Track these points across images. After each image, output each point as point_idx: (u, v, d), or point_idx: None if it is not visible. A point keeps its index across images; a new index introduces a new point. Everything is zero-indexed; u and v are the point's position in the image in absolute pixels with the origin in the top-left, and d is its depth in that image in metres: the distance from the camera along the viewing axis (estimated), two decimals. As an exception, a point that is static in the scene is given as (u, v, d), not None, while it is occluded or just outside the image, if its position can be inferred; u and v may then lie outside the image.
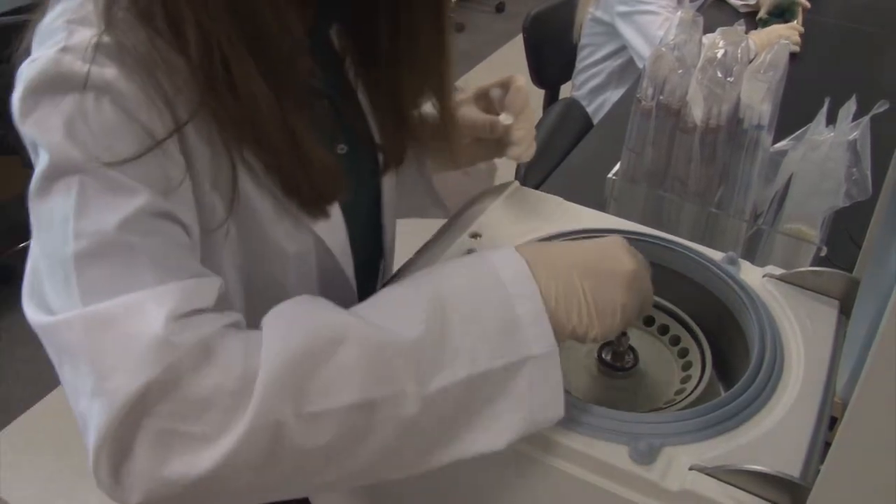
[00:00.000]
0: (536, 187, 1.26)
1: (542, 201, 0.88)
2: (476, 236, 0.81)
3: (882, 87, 1.71)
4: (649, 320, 0.80)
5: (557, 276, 0.60)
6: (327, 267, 0.78)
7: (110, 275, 0.53)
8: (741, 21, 1.06)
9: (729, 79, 0.95)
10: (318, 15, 0.74)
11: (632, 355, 0.74)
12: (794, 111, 1.06)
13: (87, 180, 0.55)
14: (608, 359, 0.74)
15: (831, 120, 0.96)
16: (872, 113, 0.92)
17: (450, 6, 0.76)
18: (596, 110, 2.19)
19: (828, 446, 0.47)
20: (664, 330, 0.79)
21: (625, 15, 2.00)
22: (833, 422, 0.63)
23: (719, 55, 0.95)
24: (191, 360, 0.51)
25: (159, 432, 0.50)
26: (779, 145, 1.02)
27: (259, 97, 0.61)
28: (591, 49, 2.19)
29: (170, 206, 0.58)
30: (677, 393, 0.72)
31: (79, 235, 0.54)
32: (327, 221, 0.74)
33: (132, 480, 0.50)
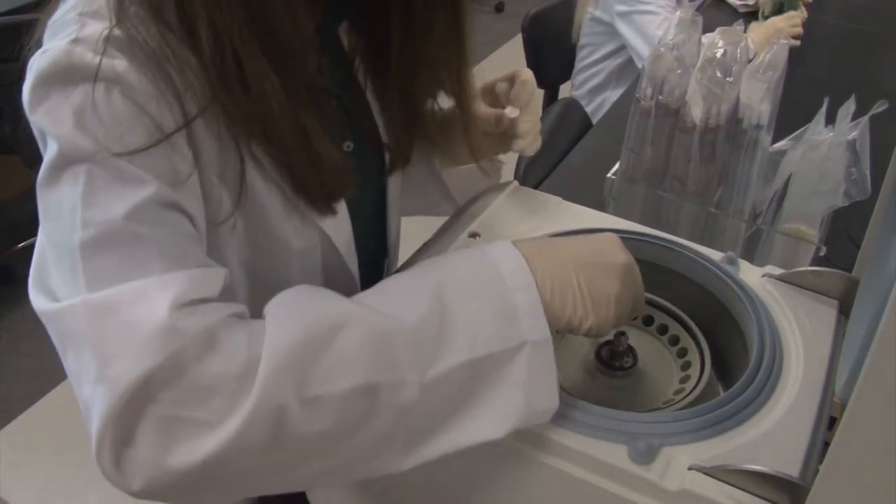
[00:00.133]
0: (535, 187, 1.26)
1: (542, 201, 0.88)
2: (475, 236, 0.81)
3: (881, 87, 1.71)
4: (648, 320, 0.80)
5: (553, 270, 0.61)
6: (332, 263, 0.78)
7: (117, 263, 0.54)
8: (740, 21, 1.06)
9: (728, 78, 0.95)
10: (326, 12, 0.74)
11: (631, 355, 0.75)
12: (793, 111, 1.06)
13: (96, 169, 0.55)
14: (607, 358, 0.74)
15: (830, 120, 0.96)
16: (872, 113, 0.92)
17: (469, 4, 0.76)
18: (595, 110, 2.19)
19: (827, 446, 0.47)
20: (663, 330, 0.79)
21: (624, 14, 2.00)
22: (832, 422, 0.63)
23: (718, 55, 0.95)
24: (195, 348, 0.51)
25: (162, 419, 0.50)
26: (778, 145, 1.02)
27: (270, 94, 0.62)
28: (590, 49, 2.19)
29: (177, 196, 0.59)
30: (676, 393, 0.72)
31: (86, 224, 0.54)
32: (333, 218, 0.74)
33: (134, 467, 0.50)
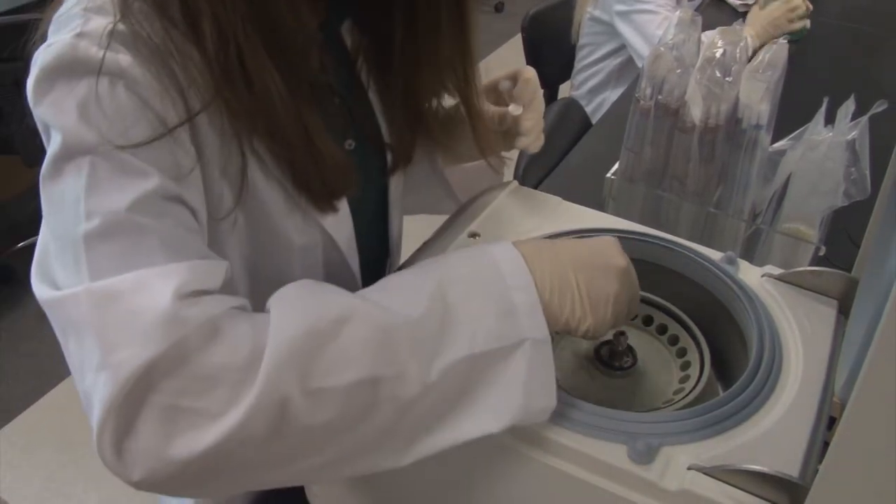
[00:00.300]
0: (535, 187, 1.26)
1: (541, 201, 0.88)
2: (475, 236, 0.81)
3: (881, 87, 1.72)
4: (648, 319, 0.80)
5: (552, 270, 0.62)
6: (333, 261, 0.78)
7: (120, 253, 0.54)
8: (740, 21, 1.06)
9: (727, 78, 0.95)
10: (329, 10, 0.75)
11: (630, 355, 0.75)
12: (792, 111, 1.06)
13: (99, 161, 0.55)
14: (607, 358, 0.74)
15: (830, 120, 0.96)
16: (871, 113, 0.92)
17: (473, 1, 0.76)
18: (595, 110, 2.19)
19: (826, 446, 0.47)
20: (663, 329, 0.79)
21: (623, 14, 2.00)
22: (832, 421, 0.63)
23: (718, 55, 0.95)
24: (198, 338, 0.51)
25: (164, 408, 0.50)
26: (777, 145, 1.02)
27: (273, 90, 0.62)
28: (589, 48, 2.19)
29: (180, 190, 0.59)
30: (676, 392, 0.72)
31: (90, 215, 0.54)
32: (335, 216, 0.74)
33: (135, 457, 0.50)
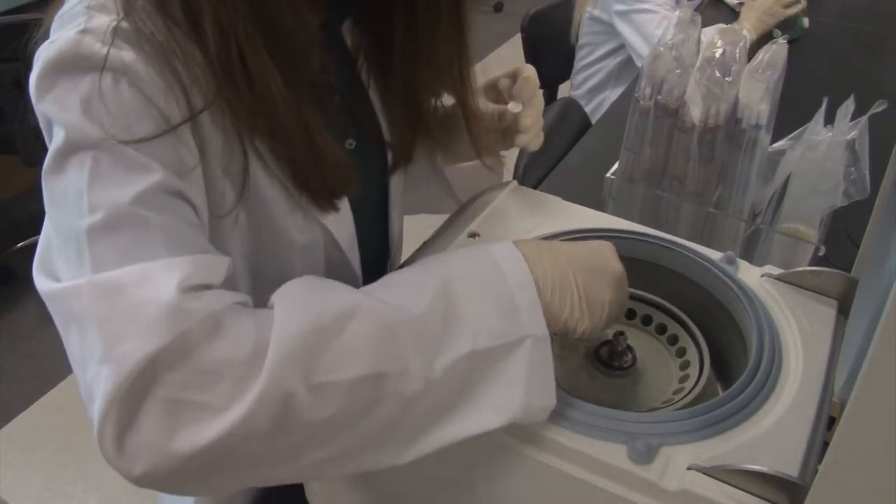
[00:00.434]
0: (535, 187, 1.26)
1: (541, 201, 0.88)
2: (474, 236, 0.81)
3: (880, 87, 1.72)
4: (647, 319, 0.80)
5: (553, 271, 0.62)
6: (335, 260, 0.78)
7: (123, 246, 0.54)
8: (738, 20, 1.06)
9: (727, 78, 0.95)
10: (329, 10, 0.75)
11: (630, 355, 0.75)
12: (792, 111, 1.06)
13: (102, 156, 0.56)
14: (606, 358, 0.74)
15: (829, 119, 0.96)
16: (871, 112, 0.92)
17: (471, 2, 0.76)
18: (594, 110, 2.19)
19: (826, 446, 0.47)
20: (662, 329, 0.79)
21: (623, 14, 2.00)
22: (831, 421, 0.63)
23: (717, 55, 0.95)
24: (202, 331, 0.51)
25: (167, 402, 0.49)
26: (777, 145, 1.02)
27: (274, 90, 0.62)
28: (589, 48, 2.19)
29: (182, 186, 0.59)
30: (675, 392, 0.72)
31: (93, 209, 0.54)
32: (336, 214, 0.75)
33: (137, 451, 0.50)
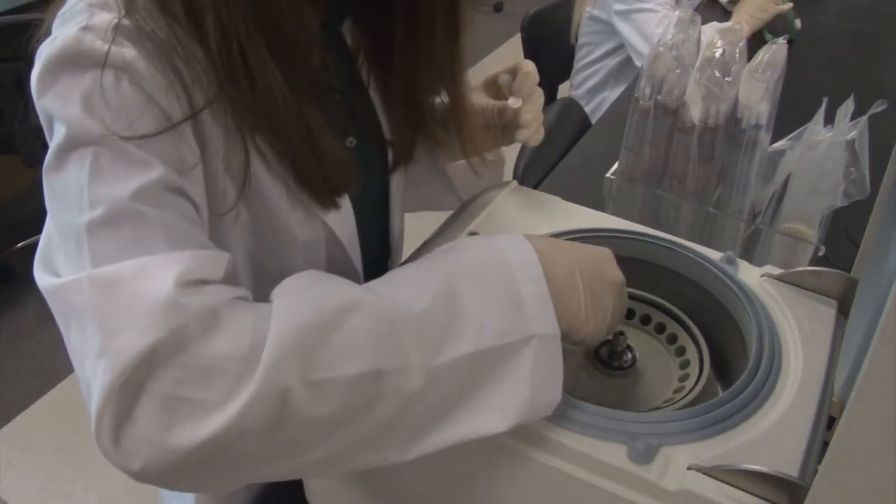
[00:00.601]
0: (535, 187, 1.26)
1: (541, 201, 0.88)
2: (474, 235, 0.81)
3: (880, 87, 1.72)
4: (646, 319, 0.80)
5: (562, 270, 0.62)
6: (336, 257, 0.79)
7: (122, 241, 0.54)
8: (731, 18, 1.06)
9: (727, 78, 0.95)
10: (329, 9, 0.75)
11: (630, 354, 0.75)
12: (792, 111, 1.06)
13: (102, 151, 0.56)
14: (606, 358, 0.74)
15: (829, 119, 0.96)
16: (870, 112, 0.92)
17: (467, 4, 0.77)
18: (594, 110, 2.19)
19: (826, 446, 0.47)
20: (661, 329, 0.79)
21: (622, 13, 2.00)
22: (831, 421, 0.63)
23: (717, 55, 0.95)
24: (199, 326, 0.50)
25: (164, 397, 0.49)
26: (777, 145, 1.02)
27: (275, 88, 0.62)
28: (588, 48, 2.19)
29: (182, 183, 0.59)
30: (675, 392, 0.72)
31: (93, 204, 0.54)
32: (337, 212, 0.75)
33: (134, 446, 0.49)
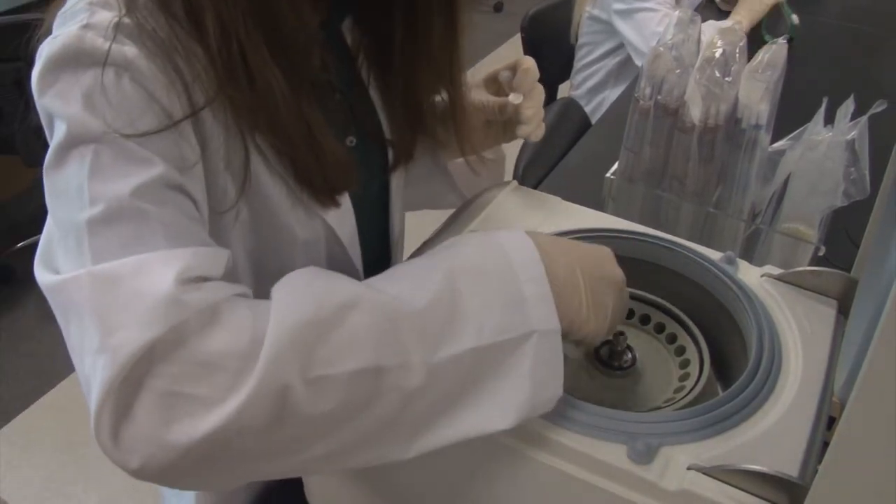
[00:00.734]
0: (535, 187, 1.26)
1: (541, 201, 0.88)
2: (475, 232, 0.81)
3: (880, 87, 1.72)
4: (645, 318, 0.80)
5: (564, 268, 0.62)
6: (336, 256, 0.79)
7: (123, 238, 0.54)
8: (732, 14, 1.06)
9: (727, 78, 0.95)
10: (329, 8, 0.75)
11: (630, 354, 0.75)
12: (792, 111, 1.06)
13: (103, 149, 0.56)
14: (606, 358, 0.74)
15: (829, 119, 0.96)
16: (870, 112, 0.92)
17: (465, 5, 0.77)
18: (594, 110, 2.19)
19: (826, 446, 0.47)
20: (661, 329, 0.79)
21: (622, 13, 2.00)
22: (831, 421, 0.63)
23: (717, 55, 0.95)
24: (198, 322, 0.50)
25: (162, 394, 0.49)
26: (777, 145, 1.02)
27: (275, 87, 0.63)
28: (588, 48, 2.19)
29: (183, 180, 0.59)
30: (675, 392, 0.72)
31: (93, 201, 0.54)
32: (337, 210, 0.75)
33: (133, 443, 0.49)
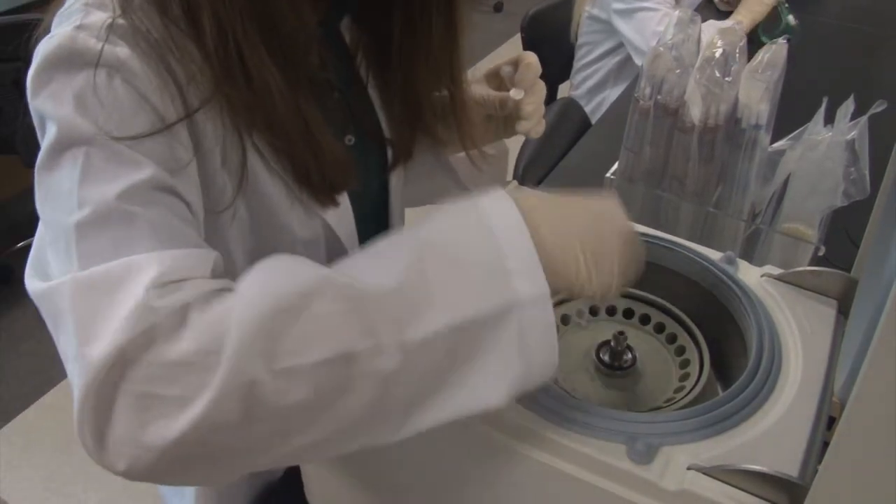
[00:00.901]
0: (535, 187, 1.26)
1: (541, 201, 0.88)
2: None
3: (880, 87, 1.72)
4: (645, 318, 0.80)
5: (554, 228, 0.59)
6: (336, 255, 0.79)
7: (109, 241, 0.54)
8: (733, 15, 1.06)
9: (727, 78, 0.95)
10: (329, 7, 0.75)
11: (630, 354, 0.75)
12: (792, 111, 1.06)
13: (94, 151, 0.56)
14: (606, 358, 0.74)
15: (829, 119, 0.96)
16: (870, 112, 0.92)
17: (464, 4, 0.77)
18: (594, 109, 2.19)
19: (826, 446, 0.47)
20: (661, 329, 0.79)
21: (622, 12, 2.00)
22: (831, 421, 0.63)
23: (717, 55, 0.95)
24: (168, 325, 0.50)
25: (137, 397, 0.49)
26: (777, 145, 1.02)
27: (272, 86, 0.62)
28: (588, 48, 2.19)
29: (174, 182, 0.59)
30: (676, 392, 0.72)
31: (82, 204, 0.54)
32: (336, 209, 0.75)
33: (116, 447, 0.50)
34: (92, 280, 0.52)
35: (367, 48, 0.80)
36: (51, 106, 0.57)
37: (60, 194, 0.56)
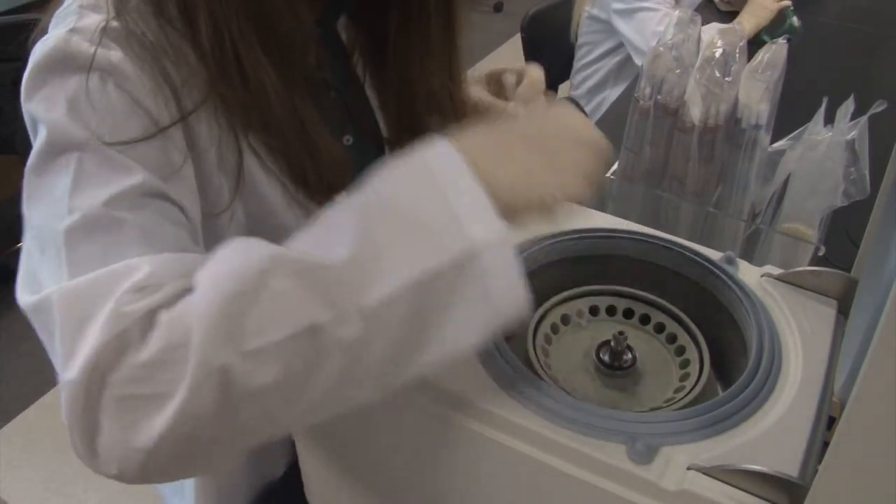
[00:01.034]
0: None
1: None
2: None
3: (880, 87, 1.72)
4: (645, 318, 0.80)
5: (497, 156, 0.56)
6: None
7: (97, 249, 0.54)
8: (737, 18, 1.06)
9: (727, 78, 0.95)
10: (325, 6, 0.75)
11: (630, 354, 0.74)
12: (792, 111, 1.06)
13: (86, 157, 0.55)
14: (606, 358, 0.74)
15: (829, 119, 0.96)
16: (870, 112, 0.92)
17: (462, 5, 0.77)
18: (594, 109, 2.19)
19: (826, 446, 0.47)
20: (661, 328, 0.79)
21: (622, 12, 2.00)
22: (831, 421, 0.63)
23: (717, 55, 0.95)
24: (138, 329, 0.50)
25: (119, 399, 0.50)
26: (777, 145, 1.02)
27: (268, 86, 0.62)
28: (588, 48, 2.19)
29: (167, 187, 0.58)
30: (675, 392, 0.72)
31: (72, 210, 0.54)
32: None
33: (107, 452, 0.51)
34: (78, 290, 0.52)
35: (364, 47, 0.80)
36: (44, 110, 0.57)
37: (52, 200, 0.56)
